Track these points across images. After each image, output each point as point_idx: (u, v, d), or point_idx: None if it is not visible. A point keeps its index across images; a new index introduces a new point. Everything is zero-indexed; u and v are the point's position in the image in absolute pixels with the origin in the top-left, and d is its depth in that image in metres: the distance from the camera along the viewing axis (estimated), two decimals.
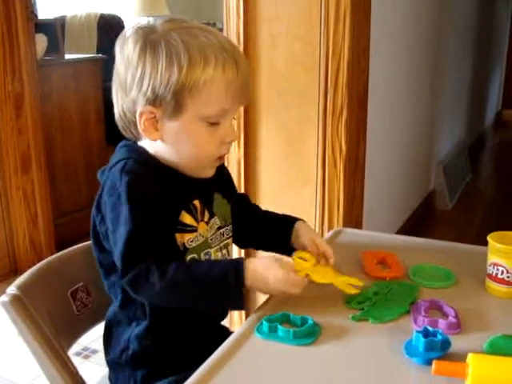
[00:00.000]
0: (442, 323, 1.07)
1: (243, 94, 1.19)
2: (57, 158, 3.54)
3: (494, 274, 1.21)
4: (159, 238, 1.13)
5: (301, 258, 1.21)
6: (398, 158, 3.42)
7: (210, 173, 1.24)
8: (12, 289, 1.19)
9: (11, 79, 3.02)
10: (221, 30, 2.40)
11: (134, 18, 5.87)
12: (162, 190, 1.15)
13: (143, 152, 1.21)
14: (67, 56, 3.89)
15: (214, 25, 5.32)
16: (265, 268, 1.11)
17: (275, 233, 1.35)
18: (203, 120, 1.15)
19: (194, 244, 1.20)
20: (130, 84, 1.15)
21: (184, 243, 1.18)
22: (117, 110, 1.21)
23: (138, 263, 1.09)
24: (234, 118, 1.23)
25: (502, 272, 1.20)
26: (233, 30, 2.18)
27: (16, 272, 3.18)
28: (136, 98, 1.15)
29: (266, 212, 1.43)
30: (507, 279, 1.19)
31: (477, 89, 5.96)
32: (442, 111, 4.41)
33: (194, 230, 1.20)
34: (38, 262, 1.31)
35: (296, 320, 1.09)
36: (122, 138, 1.25)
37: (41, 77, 3.22)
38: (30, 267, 1.28)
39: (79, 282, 1.35)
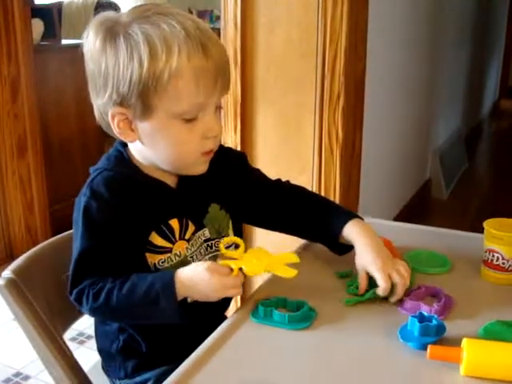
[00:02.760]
0: (424, 307, 1.07)
1: (219, 82, 1.08)
2: (53, 143, 3.53)
3: (489, 261, 1.22)
4: (108, 261, 1.08)
5: (229, 247, 1.16)
6: (395, 146, 3.42)
7: (200, 169, 1.16)
8: (7, 273, 1.19)
9: (7, 64, 3.01)
10: (218, 16, 2.39)
11: (130, 4, 5.85)
12: (124, 212, 1.09)
13: (124, 161, 1.15)
14: (64, 41, 3.88)
15: (211, 12, 5.30)
16: (197, 279, 1.03)
17: (320, 227, 1.26)
18: (177, 118, 1.07)
19: (166, 264, 1.15)
20: (98, 84, 1.08)
21: (155, 264, 1.14)
22: (96, 113, 1.14)
23: (80, 283, 1.07)
24: (221, 108, 1.14)
25: (498, 258, 1.20)
26: (230, 16, 2.18)
27: (12, 257, 3.17)
28: (105, 100, 1.08)
29: (316, 199, 1.34)
30: (502, 265, 1.20)
31: (474, 78, 5.96)
32: (439, 100, 4.41)
33: (166, 251, 1.15)
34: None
35: (292, 304, 1.09)
36: None
37: (37, 62, 3.21)
38: (25, 253, 1.28)
39: None
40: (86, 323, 1.39)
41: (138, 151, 1.15)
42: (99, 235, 1.08)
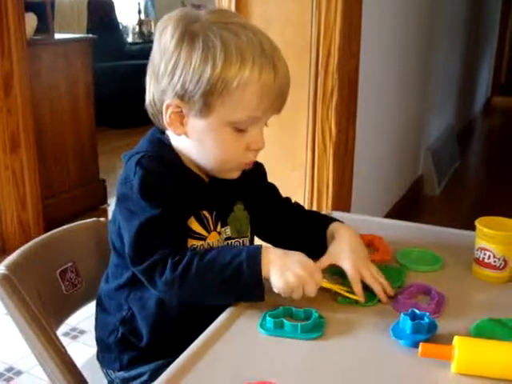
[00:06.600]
0: (416, 305, 1.07)
1: (277, 102, 1.13)
2: (46, 138, 3.52)
3: (481, 259, 1.22)
4: (171, 230, 1.10)
5: None
6: (387, 142, 3.43)
7: (234, 175, 1.20)
8: (1, 268, 1.19)
9: (0, 58, 3.00)
10: None
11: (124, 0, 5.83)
12: (173, 189, 1.11)
13: (166, 147, 1.18)
14: (57, 36, 3.87)
15: (205, 7, 5.28)
16: (290, 253, 1.09)
17: (307, 235, 1.30)
18: (230, 125, 1.11)
19: None
20: (163, 73, 1.11)
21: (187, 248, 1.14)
22: (148, 97, 1.17)
23: (151, 254, 1.07)
24: (265, 125, 1.17)
25: (489, 256, 1.21)
26: None
27: (4, 252, 3.17)
28: (166, 89, 1.11)
29: (300, 210, 1.37)
30: (494, 264, 1.20)
31: (467, 75, 5.97)
32: (431, 97, 4.41)
33: (201, 238, 1.17)
34: (27, 243, 1.30)
35: (299, 313, 1.07)
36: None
37: (30, 56, 3.20)
38: (18, 248, 1.28)
39: (68, 262, 1.35)
40: (78, 318, 1.39)
41: (180, 143, 1.18)
42: (160, 204, 1.09)
